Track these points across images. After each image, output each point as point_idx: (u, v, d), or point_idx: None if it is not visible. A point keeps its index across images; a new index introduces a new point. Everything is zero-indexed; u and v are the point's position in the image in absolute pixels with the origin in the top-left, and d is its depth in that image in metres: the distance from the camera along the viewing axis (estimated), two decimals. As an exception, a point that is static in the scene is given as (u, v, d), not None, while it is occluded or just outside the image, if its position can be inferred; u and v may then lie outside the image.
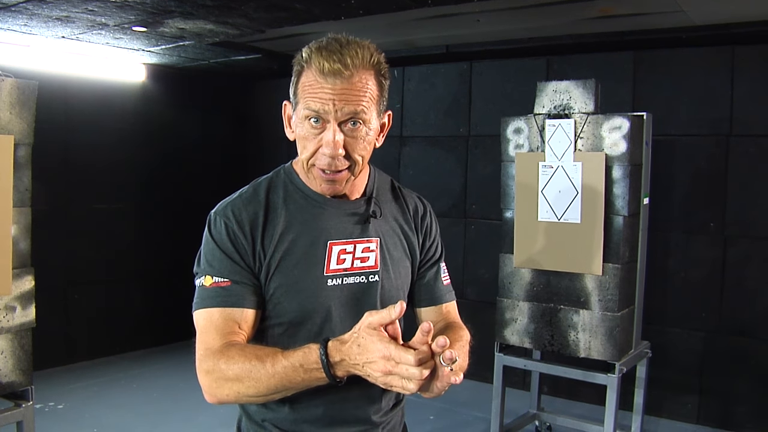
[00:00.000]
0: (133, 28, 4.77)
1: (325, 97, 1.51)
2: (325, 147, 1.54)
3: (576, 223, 3.89)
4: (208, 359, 1.49)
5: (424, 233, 1.82)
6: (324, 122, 1.53)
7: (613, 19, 4.49)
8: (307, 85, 1.53)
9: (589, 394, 5.11)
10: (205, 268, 1.58)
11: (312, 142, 1.56)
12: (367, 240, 1.68)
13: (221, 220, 1.60)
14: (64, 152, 6.02)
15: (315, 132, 1.55)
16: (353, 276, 1.66)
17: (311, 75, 1.53)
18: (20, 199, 3.08)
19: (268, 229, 1.60)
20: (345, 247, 1.65)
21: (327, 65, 1.49)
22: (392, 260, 1.72)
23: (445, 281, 1.86)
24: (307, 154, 1.57)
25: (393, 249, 1.73)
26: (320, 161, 1.56)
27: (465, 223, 6.07)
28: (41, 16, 4.38)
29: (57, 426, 4.74)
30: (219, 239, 1.58)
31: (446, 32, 5.22)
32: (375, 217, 1.71)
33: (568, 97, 3.94)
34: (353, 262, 1.66)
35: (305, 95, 1.53)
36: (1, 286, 2.99)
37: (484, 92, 5.94)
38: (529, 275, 4.10)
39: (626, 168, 3.79)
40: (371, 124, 1.58)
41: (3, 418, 3.06)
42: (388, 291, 1.70)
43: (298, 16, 4.37)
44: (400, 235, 1.76)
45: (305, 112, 1.54)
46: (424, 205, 1.86)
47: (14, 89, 3.02)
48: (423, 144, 6.34)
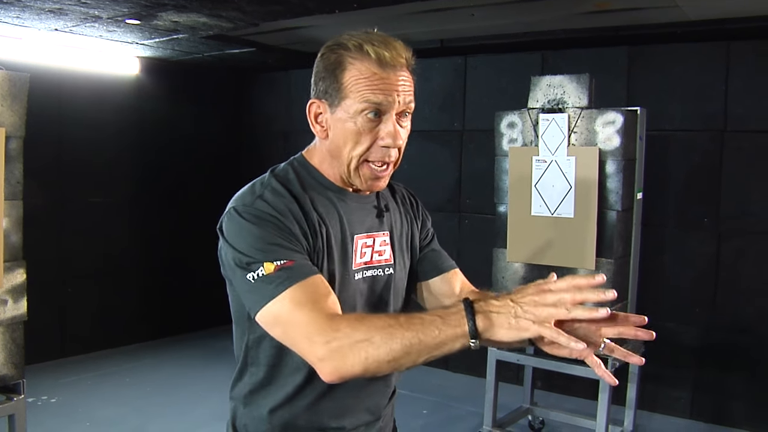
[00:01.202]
0: (126, 21, 4.74)
1: (389, 89, 1.50)
2: (386, 138, 1.52)
3: (569, 217, 3.89)
4: (321, 332, 1.34)
5: (421, 220, 1.84)
6: (381, 114, 1.51)
7: (608, 13, 4.49)
8: (363, 78, 1.49)
9: (582, 389, 5.11)
10: (261, 257, 1.43)
11: (368, 136, 1.52)
12: (383, 233, 1.69)
13: (258, 210, 1.48)
14: (58, 145, 6.00)
15: (372, 126, 1.52)
16: (372, 269, 1.66)
17: (366, 68, 1.49)
18: (12, 192, 3.07)
19: (303, 222, 1.53)
20: (366, 240, 1.65)
21: (388, 55, 1.49)
22: (401, 253, 1.73)
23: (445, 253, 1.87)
24: (362, 149, 1.53)
25: (400, 242, 1.74)
26: (375, 154, 1.54)
27: (459, 218, 6.06)
28: (34, 8, 4.36)
29: (50, 420, 4.73)
30: (264, 226, 1.47)
31: (441, 26, 5.21)
32: (387, 211, 1.72)
33: (562, 92, 3.94)
34: (372, 255, 1.66)
35: (361, 88, 1.49)
36: (-9, 279, 2.98)
37: (479, 87, 5.94)
38: (523, 270, 4.10)
39: (620, 163, 3.78)
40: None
41: (-6, 411, 3.06)
42: (398, 281, 1.71)
43: (292, 10, 4.36)
44: (404, 227, 1.77)
45: (362, 105, 1.49)
46: (414, 198, 1.87)
47: (5, 81, 3.01)
48: (417, 138, 6.31)
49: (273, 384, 1.62)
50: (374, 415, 1.73)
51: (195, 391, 5.41)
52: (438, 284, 1.81)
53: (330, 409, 1.63)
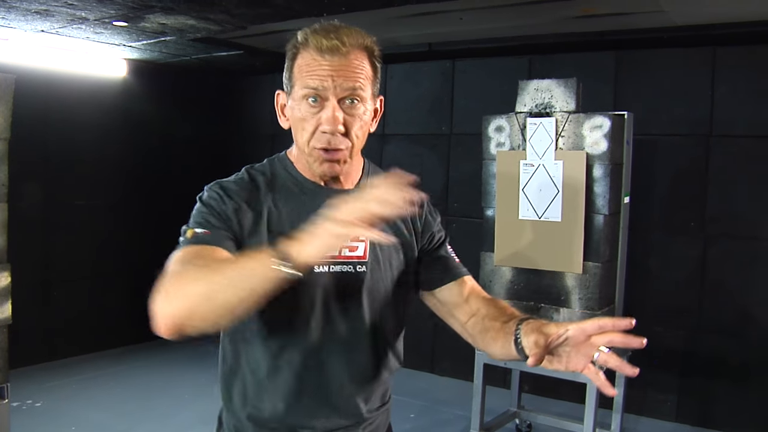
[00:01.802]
0: (113, 23, 4.73)
1: (323, 74, 1.52)
2: (325, 124, 1.53)
3: (557, 221, 3.89)
4: (176, 276, 1.39)
5: (424, 222, 1.80)
6: (322, 100, 1.54)
7: (595, 18, 4.50)
8: (305, 65, 1.54)
9: (569, 393, 5.12)
10: (189, 226, 1.54)
11: (310, 122, 1.55)
12: None
13: (213, 191, 1.59)
14: (44, 147, 5.96)
15: (313, 111, 1.55)
16: (341, 265, 1.63)
17: (308, 55, 1.54)
18: (-3, 194, 3.05)
19: (256, 212, 1.58)
20: None
21: (325, 42, 1.51)
22: (383, 253, 1.70)
23: (456, 260, 1.84)
24: (307, 135, 1.57)
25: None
26: (319, 141, 1.56)
27: (446, 222, 6.05)
28: (20, 9, 4.33)
29: (35, 424, 4.70)
30: (206, 203, 1.58)
31: (429, 30, 5.21)
32: None
33: (550, 96, 3.95)
34: (341, 250, 1.62)
35: (302, 75, 1.54)
36: (-24, 281, 2.96)
37: (467, 90, 5.94)
38: (510, 273, 4.11)
39: (607, 167, 3.80)
40: (367, 104, 1.60)
41: (-23, 415, 3.04)
42: (375, 282, 1.67)
43: (279, 13, 4.36)
44: (391, 228, 1.72)
45: (303, 91, 1.54)
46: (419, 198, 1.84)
47: (-9, 83, 2.99)
48: (405, 142, 6.34)
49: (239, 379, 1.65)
50: (357, 417, 1.70)
51: (180, 394, 5.38)
52: (446, 293, 1.79)
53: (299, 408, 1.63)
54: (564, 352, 1.41)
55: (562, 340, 1.39)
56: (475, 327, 1.71)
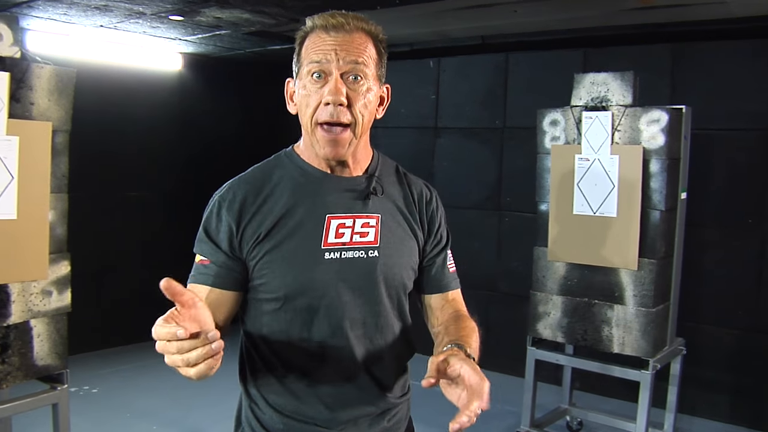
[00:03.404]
0: (169, 17, 4.79)
1: (327, 48, 1.57)
2: (328, 95, 1.55)
3: (612, 216, 3.84)
4: None
5: (430, 219, 1.80)
6: (326, 75, 1.57)
7: (652, 10, 4.42)
8: (311, 44, 1.60)
9: (621, 391, 5.06)
10: (195, 245, 1.65)
11: (314, 97, 1.58)
12: (367, 216, 1.67)
13: (216, 201, 1.64)
14: (101, 140, 6.07)
15: (317, 87, 1.58)
16: (352, 251, 1.64)
17: (314, 36, 1.60)
18: (57, 185, 3.11)
19: (262, 205, 1.62)
20: (344, 221, 1.64)
21: (331, 20, 1.58)
22: (394, 238, 1.70)
23: (451, 269, 1.86)
24: (310, 111, 1.59)
25: (395, 227, 1.71)
26: (322, 114, 1.57)
27: (499, 216, 6.03)
28: (80, 5, 4.42)
29: (90, 409, 4.80)
30: (208, 219, 1.63)
31: (482, 23, 5.18)
32: (376, 194, 1.70)
33: (606, 89, 3.89)
34: (352, 236, 1.64)
35: (308, 54, 1.59)
36: (37, 270, 3.03)
37: (520, 84, 5.89)
38: (564, 269, 4.06)
39: (664, 162, 3.73)
40: (371, 83, 1.62)
41: (39, 400, 3.12)
42: (390, 267, 1.68)
43: (332, 5, 4.35)
44: (401, 216, 1.74)
45: (308, 67, 1.58)
46: (430, 191, 1.84)
47: (53, 77, 3.05)
48: (458, 135, 6.31)
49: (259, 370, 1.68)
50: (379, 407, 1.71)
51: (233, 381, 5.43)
52: (432, 300, 1.83)
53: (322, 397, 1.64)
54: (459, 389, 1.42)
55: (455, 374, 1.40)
56: (436, 337, 1.73)
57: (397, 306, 1.72)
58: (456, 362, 1.41)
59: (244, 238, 1.60)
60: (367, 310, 1.65)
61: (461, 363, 1.41)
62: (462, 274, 1.93)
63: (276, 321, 1.62)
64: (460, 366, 1.40)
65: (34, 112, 2.98)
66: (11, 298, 2.94)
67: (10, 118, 2.86)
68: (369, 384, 1.68)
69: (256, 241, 1.59)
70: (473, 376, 1.39)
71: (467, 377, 1.39)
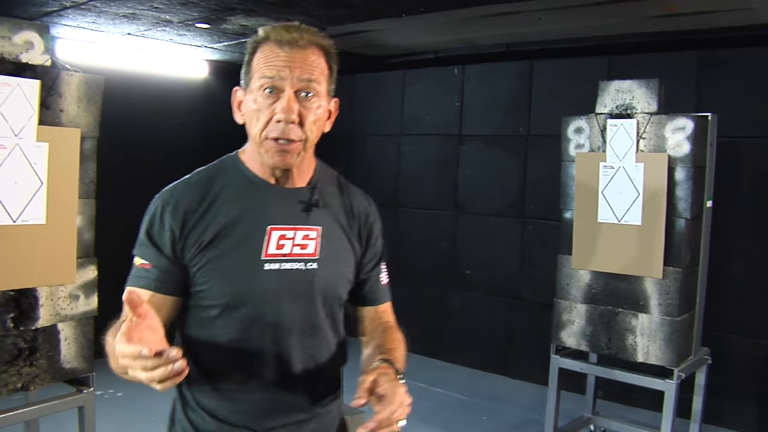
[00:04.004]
0: (196, 25, 4.85)
1: (280, 64, 1.56)
2: (279, 113, 1.56)
3: (637, 225, 3.82)
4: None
5: (368, 233, 1.83)
6: (278, 91, 1.57)
7: (677, 17, 4.41)
8: (263, 57, 1.59)
9: (645, 400, 5.02)
10: (135, 248, 1.67)
11: (265, 112, 1.58)
12: (308, 228, 1.68)
13: (158, 205, 1.65)
14: (128, 146, 6.14)
15: (268, 102, 1.58)
16: (291, 262, 1.65)
17: (267, 48, 1.59)
18: (85, 190, 3.15)
19: (203, 212, 1.63)
20: (285, 233, 1.65)
21: (285, 34, 1.58)
22: (333, 250, 1.72)
23: (384, 281, 1.89)
24: (260, 125, 1.59)
25: (335, 240, 1.73)
26: (273, 130, 1.58)
27: (522, 224, 6.02)
28: (109, 13, 4.48)
29: (116, 413, 4.85)
30: (150, 223, 1.64)
31: (507, 30, 5.18)
32: (318, 207, 1.71)
33: (631, 97, 3.88)
34: (292, 248, 1.66)
35: (260, 67, 1.59)
36: (65, 275, 3.07)
37: (545, 91, 5.88)
38: (588, 277, 4.05)
39: (689, 170, 3.71)
40: (322, 99, 1.64)
41: (66, 402, 3.15)
42: (327, 280, 1.70)
43: (357, 14, 4.40)
44: (341, 228, 1.76)
45: (260, 82, 1.58)
46: (368, 203, 1.87)
47: (82, 84, 3.09)
48: (482, 143, 6.31)
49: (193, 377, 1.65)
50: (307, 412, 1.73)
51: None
52: (365, 311, 1.87)
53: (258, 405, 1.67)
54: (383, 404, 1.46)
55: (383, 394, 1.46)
56: (366, 346, 1.79)
57: (331, 316, 1.74)
58: (383, 382, 1.49)
59: (186, 245, 1.61)
60: (303, 320, 1.68)
61: (388, 383, 1.49)
62: (485, 281, 1.95)
63: (214, 327, 1.63)
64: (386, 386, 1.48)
65: (64, 119, 3.02)
66: (39, 302, 2.98)
67: (40, 124, 2.90)
68: (301, 391, 1.71)
69: (198, 248, 1.61)
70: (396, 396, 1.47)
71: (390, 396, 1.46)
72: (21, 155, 2.86)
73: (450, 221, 6.51)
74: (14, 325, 2.90)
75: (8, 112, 2.79)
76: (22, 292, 2.92)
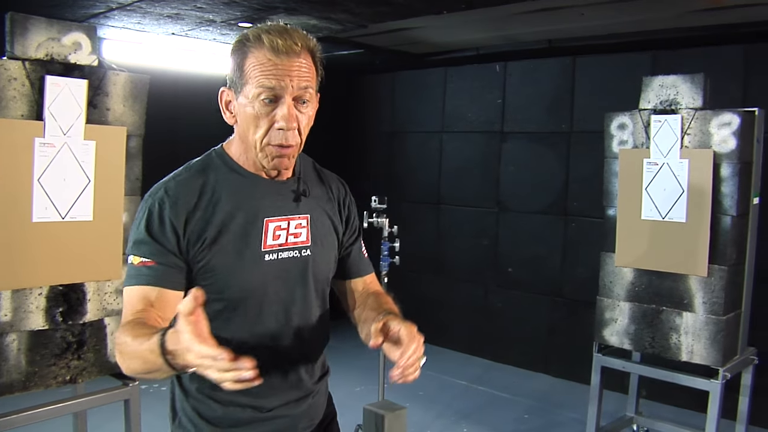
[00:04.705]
0: (239, 24, 4.90)
1: (280, 74, 1.60)
2: (281, 121, 1.62)
3: (681, 222, 3.77)
4: (118, 333, 1.55)
5: (347, 212, 1.95)
6: (277, 99, 1.61)
7: (723, 11, 4.33)
8: (258, 65, 1.61)
9: (689, 400, 4.95)
10: (132, 248, 1.66)
11: (265, 120, 1.63)
12: (299, 217, 1.79)
13: (154, 203, 1.67)
14: (172, 144, 6.20)
15: (267, 110, 1.63)
16: (287, 251, 1.76)
17: (261, 55, 1.61)
18: (131, 188, 3.21)
19: (202, 209, 1.67)
20: (280, 223, 1.75)
21: (281, 42, 1.59)
22: (321, 236, 1.83)
23: (365, 254, 2.02)
24: (261, 133, 1.64)
25: (321, 225, 1.84)
26: (275, 137, 1.64)
27: (565, 221, 5.97)
28: (153, 14, 4.55)
29: (160, 406, 4.89)
30: (148, 221, 1.65)
31: (549, 26, 5.15)
32: (306, 196, 1.81)
33: (675, 92, 3.82)
34: (287, 237, 1.76)
35: (257, 75, 1.61)
36: (112, 270, 3.13)
37: (587, 87, 5.83)
38: (631, 275, 4.01)
39: (735, 166, 3.65)
40: (313, 102, 1.71)
41: (112, 395, 3.21)
42: (318, 264, 1.81)
43: (398, 11, 4.40)
44: (325, 213, 1.87)
45: (258, 90, 1.61)
46: (344, 186, 1.97)
47: (127, 83, 3.15)
48: (524, 140, 6.28)
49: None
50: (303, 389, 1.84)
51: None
52: (351, 285, 1.97)
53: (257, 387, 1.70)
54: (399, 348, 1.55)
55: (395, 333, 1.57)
56: (359, 316, 1.89)
57: (321, 297, 1.85)
58: (395, 324, 1.58)
59: (189, 241, 1.65)
60: (298, 305, 1.77)
61: (399, 324, 1.58)
62: (527, 279, 1.96)
63: (216, 319, 1.65)
64: (399, 327, 1.57)
65: (110, 118, 3.09)
66: (87, 296, 3.05)
67: (87, 123, 2.97)
68: (298, 371, 1.81)
69: (201, 245, 1.66)
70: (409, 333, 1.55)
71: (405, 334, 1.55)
72: (69, 153, 2.93)
73: (492, 219, 6.49)
74: (63, 319, 2.97)
75: (57, 112, 2.87)
76: (70, 287, 2.99)
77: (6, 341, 2.81)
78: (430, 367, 6.44)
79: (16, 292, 2.83)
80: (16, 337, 2.84)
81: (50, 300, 2.93)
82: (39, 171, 2.84)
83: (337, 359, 6.07)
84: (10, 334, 2.82)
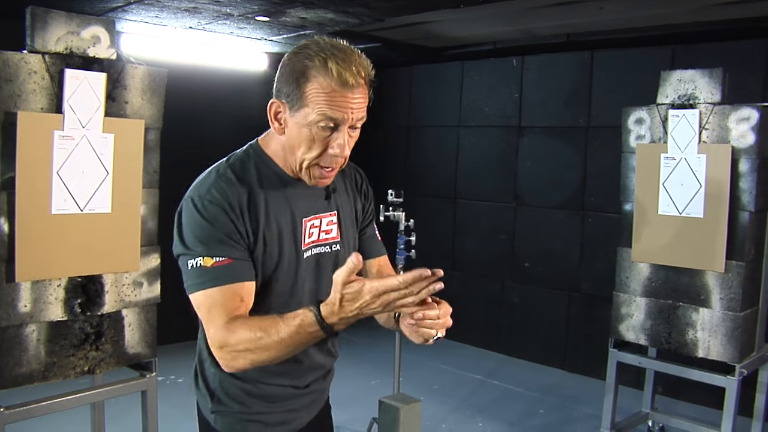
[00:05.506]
0: (256, 18, 4.91)
1: (345, 107, 1.64)
2: (336, 148, 1.68)
3: (699, 217, 3.75)
4: (219, 335, 1.61)
5: (365, 199, 2.05)
6: (336, 127, 1.67)
7: (742, 4, 4.30)
8: (323, 93, 1.63)
9: (705, 397, 4.93)
10: (201, 250, 1.67)
11: (320, 143, 1.68)
12: (330, 214, 1.90)
13: (210, 202, 1.70)
14: (190, 137, 6.24)
15: (325, 135, 1.67)
16: (320, 246, 1.87)
17: (327, 83, 1.62)
18: (149, 180, 3.24)
19: (252, 209, 1.73)
20: (314, 221, 1.85)
21: (350, 77, 1.62)
22: (347, 230, 1.94)
23: (378, 237, 2.11)
24: (314, 155, 1.70)
25: (347, 219, 1.95)
26: (326, 161, 1.71)
27: (582, 216, 5.95)
28: (171, 7, 4.57)
29: (177, 397, 4.96)
30: (213, 220, 1.68)
31: (567, 20, 5.13)
32: (334, 192, 1.91)
33: (694, 87, 3.80)
34: (320, 234, 1.87)
35: (320, 102, 1.63)
36: (129, 262, 3.16)
37: (605, 82, 5.80)
38: (648, 270, 3.99)
39: (754, 161, 3.62)
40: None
41: (130, 386, 3.25)
42: (343, 257, 1.85)
43: (416, 5, 4.40)
44: (351, 206, 1.98)
45: (319, 117, 1.64)
46: (360, 174, 2.08)
47: (146, 76, 3.17)
48: (541, 134, 6.26)
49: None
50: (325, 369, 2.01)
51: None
52: (368, 265, 2.04)
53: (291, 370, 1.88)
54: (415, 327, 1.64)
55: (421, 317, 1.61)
56: None
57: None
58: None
59: (248, 236, 1.71)
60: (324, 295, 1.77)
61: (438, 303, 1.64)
62: (544, 274, 1.97)
63: (257, 310, 1.71)
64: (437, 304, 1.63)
65: (128, 111, 3.11)
66: (105, 288, 3.08)
67: (106, 116, 2.99)
68: (323, 352, 1.96)
69: (254, 240, 1.72)
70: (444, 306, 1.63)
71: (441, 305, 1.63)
72: (88, 146, 2.95)
73: (509, 213, 6.48)
74: (81, 310, 3.00)
75: (76, 104, 2.89)
76: (89, 278, 3.02)
77: (26, 332, 2.84)
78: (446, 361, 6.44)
79: (36, 284, 2.86)
80: (35, 327, 2.87)
81: (69, 291, 2.96)
82: (58, 163, 2.87)
83: (353, 353, 6.10)
84: (29, 325, 2.85)
